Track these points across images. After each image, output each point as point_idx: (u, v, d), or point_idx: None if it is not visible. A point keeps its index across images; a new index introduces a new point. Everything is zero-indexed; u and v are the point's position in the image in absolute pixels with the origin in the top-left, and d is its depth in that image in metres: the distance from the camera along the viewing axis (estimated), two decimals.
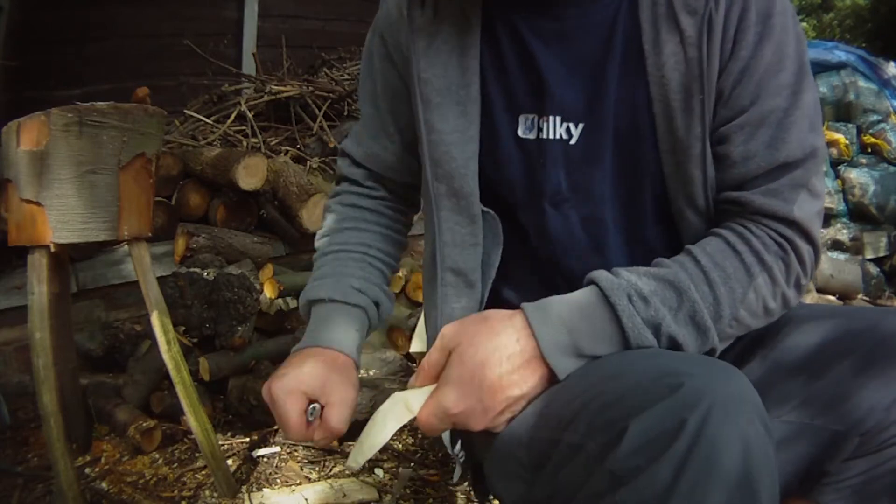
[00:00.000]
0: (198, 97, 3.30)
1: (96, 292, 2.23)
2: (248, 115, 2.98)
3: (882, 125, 3.40)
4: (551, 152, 0.76)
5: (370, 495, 1.55)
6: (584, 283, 0.68)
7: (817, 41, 4.07)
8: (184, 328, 1.92)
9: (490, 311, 0.68)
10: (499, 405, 0.63)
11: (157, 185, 1.70)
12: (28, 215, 1.39)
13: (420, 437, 1.85)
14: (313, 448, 1.78)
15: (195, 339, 1.96)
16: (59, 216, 1.38)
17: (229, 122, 2.96)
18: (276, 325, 2.21)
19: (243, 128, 2.99)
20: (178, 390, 1.51)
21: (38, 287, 1.42)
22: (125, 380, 1.94)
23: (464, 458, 0.86)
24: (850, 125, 3.43)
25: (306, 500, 1.52)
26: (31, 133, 1.36)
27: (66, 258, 1.66)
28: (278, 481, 1.64)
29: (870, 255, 3.19)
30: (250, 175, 2.25)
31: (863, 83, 3.49)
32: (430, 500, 1.57)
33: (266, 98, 3.08)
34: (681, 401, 0.51)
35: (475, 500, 1.56)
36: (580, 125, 0.75)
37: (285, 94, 3.10)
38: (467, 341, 0.64)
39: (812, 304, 0.86)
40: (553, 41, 0.76)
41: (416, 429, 1.87)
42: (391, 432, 0.67)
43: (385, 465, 1.71)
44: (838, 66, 3.51)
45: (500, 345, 0.63)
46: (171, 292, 1.86)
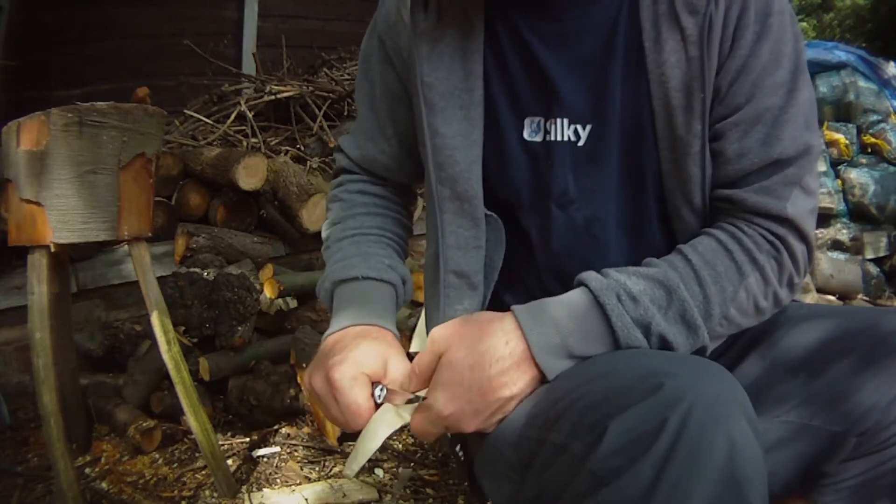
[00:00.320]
0: (198, 97, 3.30)
1: (96, 292, 2.23)
2: (248, 115, 2.98)
3: (882, 125, 3.40)
4: (559, 154, 0.76)
5: (370, 495, 1.55)
6: (574, 285, 0.68)
7: (817, 41, 4.06)
8: (184, 328, 1.92)
9: (480, 314, 0.68)
10: (490, 407, 0.63)
11: (157, 185, 1.70)
12: (28, 215, 1.39)
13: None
14: (313, 448, 1.79)
15: (195, 339, 1.96)
16: (59, 216, 1.38)
17: (229, 122, 2.96)
18: (276, 325, 2.22)
19: (243, 128, 2.99)
20: (178, 390, 1.51)
21: (38, 287, 1.42)
22: (125, 380, 1.94)
23: (463, 458, 0.87)
24: (850, 125, 3.43)
25: (306, 500, 1.52)
26: (31, 133, 1.36)
27: (66, 258, 1.66)
28: (278, 481, 1.64)
29: (870, 255, 3.19)
30: (250, 175, 2.26)
31: (863, 83, 3.49)
32: (430, 500, 1.57)
33: (266, 98, 3.08)
34: (662, 400, 0.51)
35: (475, 500, 1.56)
36: (588, 126, 0.75)
37: (285, 94, 3.10)
38: (457, 344, 0.64)
39: (811, 304, 0.86)
40: (555, 42, 0.76)
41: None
42: (382, 439, 0.67)
43: (385, 465, 1.71)
44: (838, 66, 3.51)
45: (489, 347, 0.63)
46: (171, 292, 1.86)
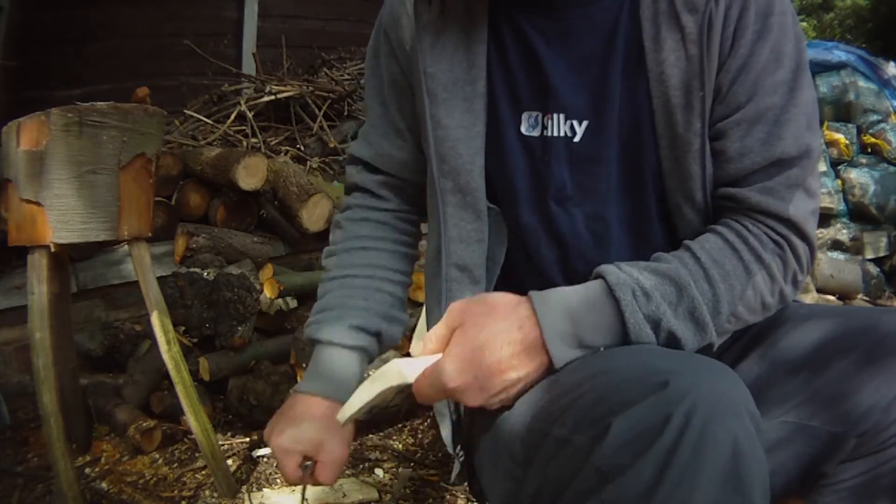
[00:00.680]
0: (198, 97, 3.31)
1: (96, 292, 2.23)
2: (248, 115, 2.98)
3: (882, 125, 3.40)
4: (555, 150, 0.77)
5: (370, 495, 1.55)
6: (592, 277, 0.69)
7: (817, 41, 4.06)
8: (184, 328, 1.92)
9: (497, 294, 0.68)
10: (496, 387, 0.64)
11: (157, 185, 1.70)
12: (28, 215, 1.39)
13: (420, 436, 1.86)
14: None
15: (195, 339, 1.96)
16: (59, 216, 1.38)
17: (229, 122, 2.96)
18: (276, 325, 2.22)
19: (243, 128, 2.99)
20: (178, 390, 1.51)
21: (38, 287, 1.42)
22: (125, 380, 1.94)
23: (463, 457, 0.87)
24: (850, 125, 3.43)
25: (306, 500, 1.52)
26: (31, 133, 1.36)
27: (66, 258, 1.66)
28: (278, 481, 1.64)
29: (870, 255, 3.19)
30: (250, 175, 2.25)
31: (863, 83, 3.48)
32: (430, 500, 1.57)
33: (266, 98, 3.08)
34: (666, 398, 0.51)
35: (475, 500, 1.56)
36: (584, 123, 0.76)
37: (285, 94, 3.10)
38: (472, 321, 0.65)
39: (811, 304, 0.87)
40: (556, 40, 0.76)
41: (416, 429, 1.87)
42: (377, 391, 0.69)
43: (385, 465, 1.71)
44: (838, 66, 3.51)
45: (502, 329, 0.64)
46: (171, 292, 1.86)
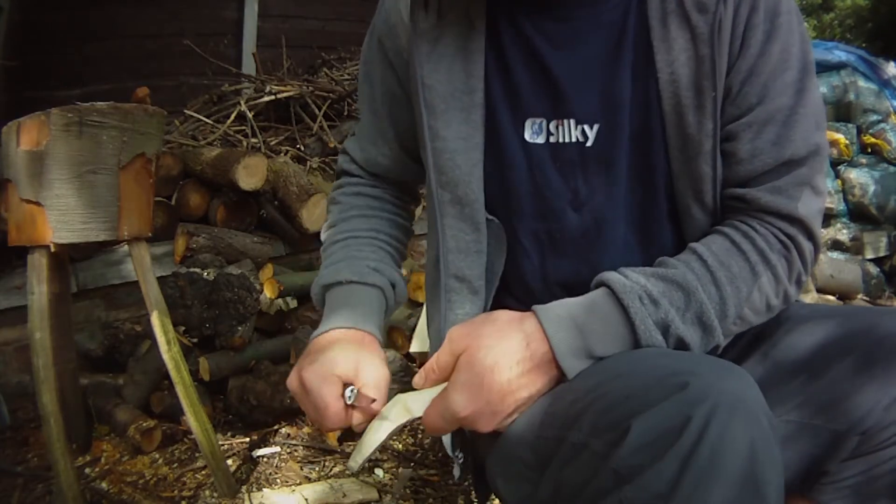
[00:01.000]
0: (198, 97, 3.30)
1: (96, 292, 2.23)
2: (248, 115, 2.98)
3: (882, 125, 3.40)
4: (568, 156, 0.76)
5: (370, 495, 1.55)
6: (594, 286, 0.68)
7: (817, 41, 4.06)
8: (184, 328, 1.92)
9: (499, 313, 0.68)
10: (508, 408, 0.63)
11: (157, 185, 1.70)
12: (28, 215, 1.39)
13: (420, 437, 1.86)
14: (313, 448, 1.79)
15: (195, 339, 1.96)
16: (59, 216, 1.38)
17: (229, 122, 2.96)
18: (276, 325, 2.22)
19: (243, 128, 2.99)
20: (178, 390, 1.51)
21: (38, 287, 1.42)
22: (125, 380, 1.94)
23: (463, 459, 0.86)
24: (850, 125, 3.43)
25: (306, 500, 1.52)
26: (31, 133, 1.36)
27: (66, 258, 1.66)
28: (278, 481, 1.64)
29: (870, 255, 3.19)
30: (250, 175, 2.25)
31: (863, 83, 3.49)
32: (430, 500, 1.57)
33: (266, 98, 3.08)
34: (686, 399, 0.51)
35: (475, 501, 1.56)
36: (595, 126, 0.75)
37: (285, 94, 3.10)
38: (476, 345, 0.64)
39: (812, 304, 0.86)
40: (562, 43, 0.75)
41: (416, 429, 1.87)
42: (387, 432, 0.67)
43: (385, 465, 1.71)
44: (838, 66, 3.51)
45: (509, 349, 0.63)
46: (171, 292, 1.86)
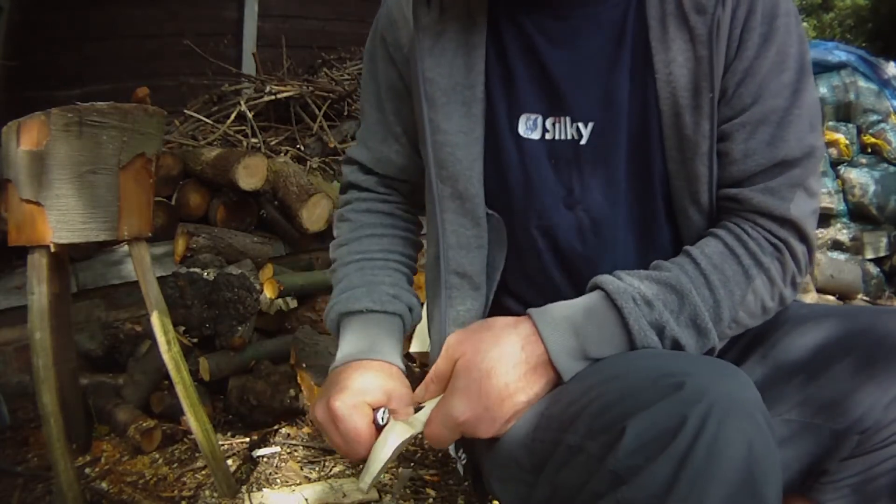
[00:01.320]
0: (198, 97, 3.31)
1: (96, 292, 2.23)
2: (248, 115, 2.98)
3: (882, 125, 3.40)
4: (563, 153, 0.76)
5: (370, 495, 1.55)
6: (589, 288, 0.68)
7: (817, 41, 4.06)
8: (184, 328, 1.92)
9: (494, 319, 0.68)
10: (506, 412, 0.63)
11: (157, 185, 1.70)
12: (28, 215, 1.39)
13: (420, 437, 1.85)
14: (313, 448, 1.79)
15: (195, 339, 1.96)
16: (59, 216, 1.38)
17: (229, 122, 2.96)
18: (276, 325, 2.22)
19: (243, 128, 2.99)
20: (178, 390, 1.51)
21: (38, 287, 1.42)
22: (125, 380, 1.94)
23: (465, 460, 0.86)
24: (850, 125, 3.43)
25: (306, 500, 1.52)
26: (31, 133, 1.36)
27: (66, 258, 1.66)
28: (278, 481, 1.64)
29: (870, 255, 3.19)
30: (250, 175, 2.25)
31: (863, 83, 3.49)
32: (430, 500, 1.57)
33: (266, 98, 3.08)
34: (682, 399, 0.51)
35: (475, 501, 1.56)
36: (590, 125, 0.75)
37: (285, 94, 3.10)
38: (472, 350, 0.64)
39: (811, 304, 0.87)
40: (561, 41, 0.76)
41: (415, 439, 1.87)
42: (391, 449, 0.67)
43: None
44: (838, 66, 3.51)
45: (505, 353, 0.63)
46: (171, 292, 1.86)
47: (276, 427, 1.89)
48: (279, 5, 3.93)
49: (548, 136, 0.76)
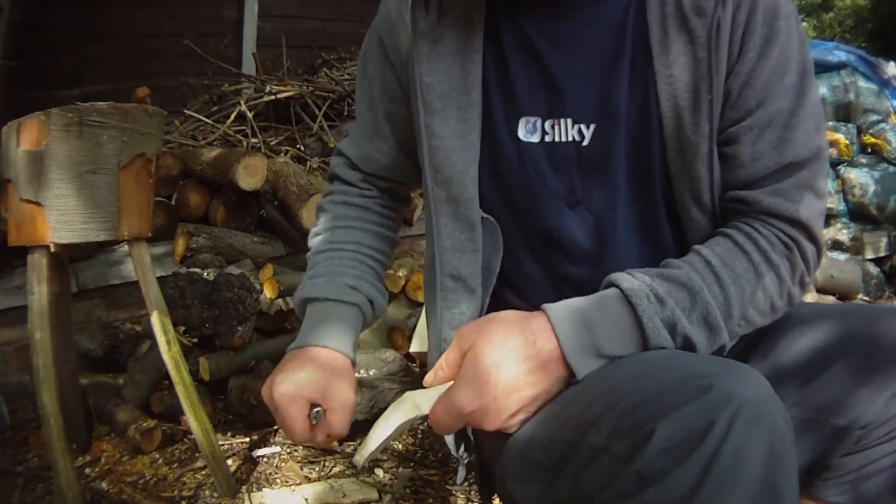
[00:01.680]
0: (198, 97, 3.30)
1: (96, 292, 2.23)
2: (248, 115, 2.98)
3: (882, 125, 3.40)
4: (564, 154, 0.76)
5: (370, 495, 1.55)
6: (603, 286, 0.68)
7: (817, 41, 4.06)
8: (184, 328, 1.92)
9: (508, 312, 0.68)
10: (513, 405, 0.63)
11: (157, 185, 1.70)
12: (28, 215, 1.39)
13: (420, 436, 1.86)
14: (313, 448, 1.78)
15: (195, 339, 1.96)
16: (59, 216, 1.38)
17: (229, 122, 2.96)
18: (276, 325, 2.22)
19: (243, 128, 2.99)
20: (178, 390, 1.51)
21: (38, 287, 1.42)
22: (125, 380, 1.94)
23: (467, 459, 0.86)
24: (850, 125, 3.43)
25: (306, 500, 1.52)
26: (31, 133, 1.36)
27: (66, 258, 1.66)
28: (278, 481, 1.64)
29: (870, 255, 3.19)
30: (250, 175, 2.26)
31: (863, 83, 3.48)
32: (430, 500, 1.57)
33: (266, 98, 3.08)
34: (710, 402, 0.50)
35: (476, 500, 1.56)
36: (591, 126, 0.75)
37: (285, 94, 3.10)
38: (483, 341, 0.64)
39: (812, 303, 0.87)
40: (561, 42, 0.76)
41: (417, 429, 1.87)
42: (393, 427, 0.67)
43: (385, 465, 1.71)
44: (838, 66, 3.51)
45: (516, 345, 0.63)
46: (171, 292, 1.86)
47: (276, 427, 1.89)
48: (279, 5, 3.93)
49: (547, 139, 0.77)
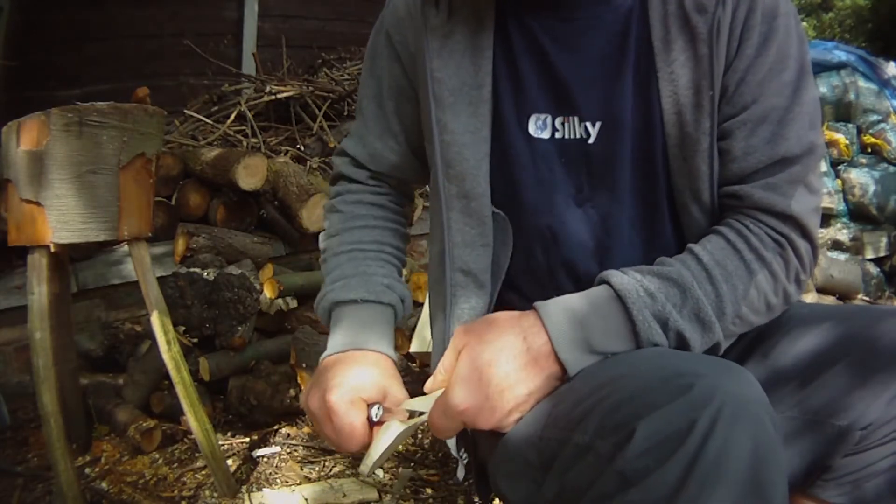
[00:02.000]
0: (198, 97, 3.31)
1: (96, 292, 2.23)
2: (248, 115, 2.98)
3: (882, 125, 3.40)
4: (571, 152, 0.77)
5: (370, 495, 1.55)
6: (596, 283, 0.69)
7: (817, 41, 4.06)
8: (184, 328, 1.92)
9: (499, 313, 0.68)
10: (507, 404, 0.63)
11: (157, 185, 1.70)
12: (28, 215, 1.39)
13: (420, 436, 1.86)
14: (313, 448, 1.79)
15: (195, 339, 1.96)
16: (59, 216, 1.38)
17: (229, 122, 2.96)
18: (276, 325, 2.22)
19: (243, 128, 2.99)
20: (178, 390, 1.51)
21: (38, 287, 1.42)
22: (125, 380, 1.94)
23: (467, 458, 0.86)
24: (850, 125, 3.43)
25: (306, 500, 1.52)
26: (31, 133, 1.36)
27: (66, 258, 1.66)
28: (278, 481, 1.64)
29: (870, 255, 3.19)
30: (250, 175, 2.25)
31: (863, 83, 3.48)
32: (430, 500, 1.57)
33: (266, 98, 3.08)
34: (692, 401, 0.51)
35: (476, 500, 1.56)
36: (598, 124, 0.76)
37: (285, 94, 3.10)
38: (475, 341, 0.64)
39: (811, 304, 0.87)
40: (567, 41, 0.77)
41: (417, 430, 1.87)
42: (394, 435, 0.67)
43: (385, 465, 1.71)
44: (838, 66, 3.51)
45: (507, 343, 0.63)
46: (171, 292, 1.86)
47: (276, 427, 1.89)
48: (279, 5, 3.93)
49: (557, 136, 0.77)
